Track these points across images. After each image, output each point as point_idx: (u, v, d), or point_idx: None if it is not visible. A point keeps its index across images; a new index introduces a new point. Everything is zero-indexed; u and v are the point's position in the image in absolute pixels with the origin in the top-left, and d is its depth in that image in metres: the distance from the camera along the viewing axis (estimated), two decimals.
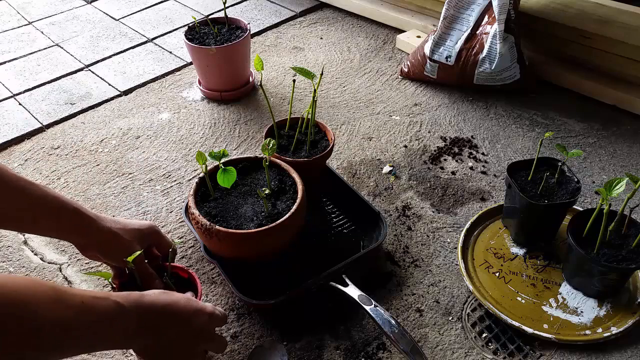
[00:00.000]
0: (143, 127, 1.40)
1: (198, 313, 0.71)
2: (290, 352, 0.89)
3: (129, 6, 1.98)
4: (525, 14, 1.47)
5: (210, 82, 1.48)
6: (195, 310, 0.71)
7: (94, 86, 1.56)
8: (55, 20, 1.90)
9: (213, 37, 1.42)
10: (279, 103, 1.48)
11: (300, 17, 1.88)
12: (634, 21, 1.31)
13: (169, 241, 0.89)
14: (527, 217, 0.99)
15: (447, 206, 1.16)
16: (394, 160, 1.27)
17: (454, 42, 1.44)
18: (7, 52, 1.71)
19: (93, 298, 0.59)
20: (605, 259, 0.89)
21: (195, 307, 0.71)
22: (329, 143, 1.04)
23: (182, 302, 0.70)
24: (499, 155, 1.29)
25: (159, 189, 1.22)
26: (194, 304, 0.72)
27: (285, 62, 1.64)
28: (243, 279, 0.93)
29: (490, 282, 0.99)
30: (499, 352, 0.89)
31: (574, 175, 1.00)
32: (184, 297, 0.71)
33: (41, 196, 0.73)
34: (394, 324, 0.84)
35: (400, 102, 1.47)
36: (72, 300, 0.57)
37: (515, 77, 1.42)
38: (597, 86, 1.42)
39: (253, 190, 0.94)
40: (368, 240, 1.05)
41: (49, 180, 1.24)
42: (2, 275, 0.53)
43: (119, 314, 0.61)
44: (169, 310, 0.68)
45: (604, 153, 1.29)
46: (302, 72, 0.95)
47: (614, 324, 0.91)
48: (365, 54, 1.67)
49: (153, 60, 1.66)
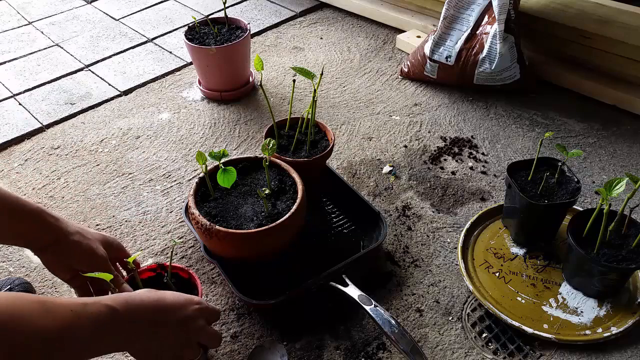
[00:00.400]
0: (143, 127, 1.40)
1: (187, 304, 0.72)
2: (290, 352, 0.89)
3: (129, 6, 1.98)
4: (525, 14, 1.47)
5: (210, 82, 1.48)
6: (184, 301, 0.72)
7: (94, 86, 1.56)
8: (55, 20, 1.90)
9: (213, 37, 1.42)
10: (279, 103, 1.48)
11: (300, 17, 1.88)
12: (634, 21, 1.31)
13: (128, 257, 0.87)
14: (527, 217, 0.99)
15: (447, 206, 1.16)
16: (394, 160, 1.27)
17: (454, 42, 1.44)
18: (7, 52, 1.71)
19: (82, 305, 0.59)
20: (605, 259, 0.89)
21: (184, 299, 0.72)
22: (329, 143, 1.04)
23: (170, 296, 0.71)
24: (499, 155, 1.29)
25: (159, 189, 1.22)
26: (182, 296, 0.72)
27: (285, 62, 1.64)
28: (243, 279, 0.93)
29: (490, 282, 0.99)
30: (499, 352, 0.89)
31: (574, 175, 1.00)
32: (170, 292, 0.72)
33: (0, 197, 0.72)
34: (394, 324, 0.84)
35: (400, 102, 1.47)
36: (60, 310, 0.56)
37: (515, 77, 1.42)
38: (597, 86, 1.42)
39: (253, 190, 0.94)
40: (368, 240, 1.05)
41: (49, 180, 1.25)
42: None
43: (111, 317, 0.61)
44: (159, 305, 0.68)
45: (604, 153, 1.29)
46: (302, 72, 0.95)
47: (614, 324, 0.91)
48: (365, 54, 1.67)
49: (153, 60, 1.66)
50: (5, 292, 0.56)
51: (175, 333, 0.70)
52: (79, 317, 0.58)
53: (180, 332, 0.70)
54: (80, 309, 0.58)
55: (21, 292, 0.95)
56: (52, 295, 1.00)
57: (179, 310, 0.70)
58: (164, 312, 0.68)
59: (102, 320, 0.60)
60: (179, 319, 0.70)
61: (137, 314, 0.65)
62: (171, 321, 0.69)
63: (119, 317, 0.62)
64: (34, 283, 1.01)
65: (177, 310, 0.70)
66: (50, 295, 1.00)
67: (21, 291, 0.96)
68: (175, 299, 0.71)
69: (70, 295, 1.00)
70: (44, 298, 0.57)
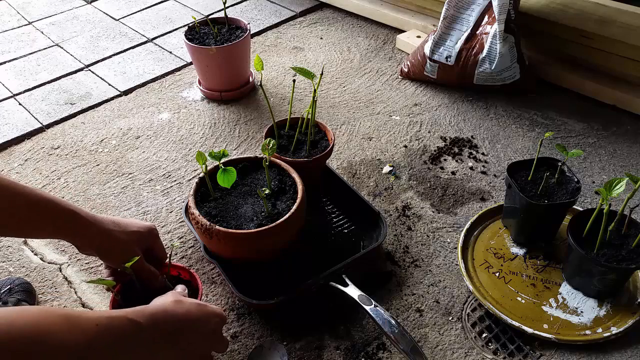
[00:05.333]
0: (143, 127, 1.40)
1: (210, 317, 0.72)
2: (290, 352, 0.89)
3: (129, 6, 1.98)
4: (525, 14, 1.47)
5: (210, 82, 1.48)
6: (207, 314, 0.71)
7: (94, 86, 1.56)
8: (55, 20, 1.90)
9: (213, 37, 1.42)
10: (279, 103, 1.48)
11: (300, 17, 1.88)
12: (634, 21, 1.31)
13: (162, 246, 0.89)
14: (527, 217, 0.99)
15: (447, 206, 1.16)
16: (394, 160, 1.27)
17: (454, 42, 1.44)
18: (7, 52, 1.71)
19: (108, 319, 0.59)
20: (605, 259, 0.89)
21: (207, 312, 0.72)
22: (329, 143, 1.04)
23: (195, 309, 0.70)
24: (499, 155, 1.29)
25: (159, 189, 1.22)
26: (205, 308, 0.72)
27: (285, 62, 1.64)
28: (243, 279, 0.93)
29: (490, 282, 0.99)
30: (499, 352, 0.89)
31: (574, 175, 1.00)
32: (194, 302, 0.71)
33: (36, 200, 0.72)
34: (394, 324, 0.84)
35: (400, 102, 1.47)
36: (86, 324, 0.56)
37: (515, 77, 1.42)
38: (597, 86, 1.42)
39: (253, 190, 0.94)
40: (368, 240, 1.05)
41: (49, 180, 1.25)
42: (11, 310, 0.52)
43: (136, 331, 0.61)
44: (185, 320, 0.68)
45: (604, 153, 1.29)
46: (302, 72, 0.95)
47: (614, 324, 0.91)
48: (365, 54, 1.67)
49: (153, 60, 1.66)
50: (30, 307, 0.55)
51: (199, 347, 0.70)
52: (104, 332, 0.57)
53: (203, 346, 0.71)
54: (106, 323, 0.58)
55: (21, 291, 0.95)
56: (52, 294, 1.00)
57: (204, 324, 0.70)
58: (189, 327, 0.68)
59: (127, 335, 0.60)
60: (203, 333, 0.70)
61: (163, 329, 0.64)
62: (196, 335, 0.69)
63: (144, 332, 0.62)
64: (34, 283, 1.01)
65: (202, 325, 0.70)
66: (50, 296, 1.00)
67: (21, 291, 0.96)
68: (199, 312, 0.70)
69: (70, 295, 1.00)
70: (68, 312, 0.57)
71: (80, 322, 0.56)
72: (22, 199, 0.71)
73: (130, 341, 0.60)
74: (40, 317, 0.53)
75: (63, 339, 0.53)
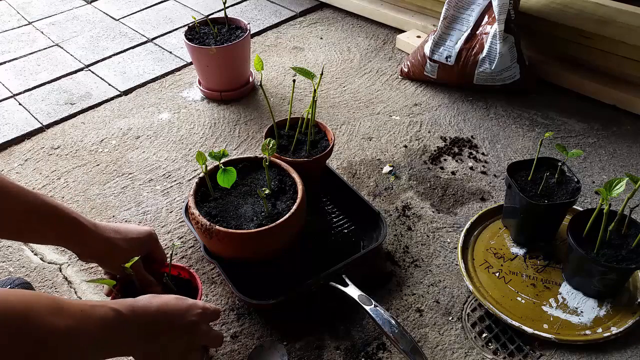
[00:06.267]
0: (143, 127, 1.40)
1: (190, 309, 0.72)
2: (290, 352, 0.89)
3: (129, 6, 1.98)
4: (525, 14, 1.47)
5: (210, 82, 1.48)
6: (187, 306, 0.72)
7: (94, 86, 1.56)
8: (55, 20, 1.90)
9: (213, 37, 1.42)
10: (279, 103, 1.48)
11: (300, 17, 1.88)
12: (634, 21, 1.31)
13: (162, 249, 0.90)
14: (527, 217, 0.99)
15: (447, 206, 1.16)
16: (394, 160, 1.27)
17: (454, 42, 1.44)
18: (7, 52, 1.71)
19: (91, 307, 0.61)
20: (605, 259, 0.89)
21: (187, 304, 0.73)
22: (329, 143, 1.04)
23: (173, 301, 0.71)
24: (499, 155, 1.29)
25: (159, 189, 1.22)
26: (185, 301, 0.73)
27: (285, 62, 1.64)
28: (243, 279, 0.93)
29: (490, 282, 0.99)
30: (499, 352, 0.89)
31: (574, 175, 1.00)
32: (172, 296, 0.73)
33: (38, 204, 0.72)
34: (394, 324, 0.84)
35: (400, 102, 1.47)
36: (72, 309, 0.58)
37: (515, 77, 1.42)
38: (597, 86, 1.42)
39: (253, 190, 0.94)
40: (368, 240, 1.05)
41: (49, 180, 1.25)
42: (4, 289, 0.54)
43: (118, 320, 0.63)
44: (162, 310, 0.69)
45: (604, 153, 1.29)
46: (302, 72, 0.95)
47: (614, 324, 0.91)
48: (365, 54, 1.67)
49: (153, 60, 1.66)
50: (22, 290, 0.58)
51: (179, 338, 0.70)
52: (88, 317, 0.59)
53: (184, 337, 0.71)
54: (89, 310, 0.60)
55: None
56: (52, 295, 1.00)
57: (183, 315, 0.71)
58: (167, 317, 0.69)
59: (108, 322, 0.61)
60: (182, 324, 0.71)
61: (142, 318, 0.66)
62: (175, 326, 0.70)
63: (125, 320, 0.63)
64: (34, 283, 1.01)
65: (180, 315, 0.71)
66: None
67: None
68: (178, 304, 0.71)
69: (70, 295, 1.00)
70: (57, 297, 0.59)
71: (66, 306, 0.58)
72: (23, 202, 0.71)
73: (112, 328, 0.62)
74: (33, 298, 0.56)
75: (52, 321, 0.55)
